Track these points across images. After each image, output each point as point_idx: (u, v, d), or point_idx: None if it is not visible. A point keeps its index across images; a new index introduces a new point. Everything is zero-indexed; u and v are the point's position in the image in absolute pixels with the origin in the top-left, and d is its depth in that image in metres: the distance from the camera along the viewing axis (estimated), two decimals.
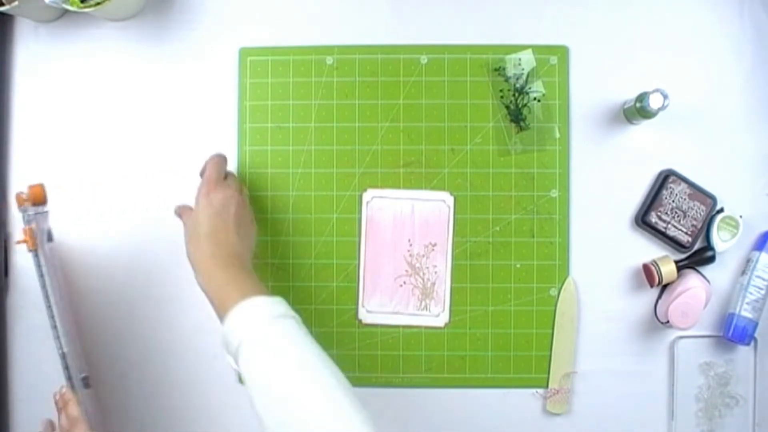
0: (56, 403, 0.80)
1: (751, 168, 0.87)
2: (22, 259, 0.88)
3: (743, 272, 0.87)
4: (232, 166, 0.88)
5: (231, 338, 0.68)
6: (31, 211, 0.83)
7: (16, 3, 0.80)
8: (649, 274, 0.86)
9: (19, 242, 0.82)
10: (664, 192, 0.86)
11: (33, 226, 0.82)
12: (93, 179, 0.89)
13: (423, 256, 0.88)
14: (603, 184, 0.88)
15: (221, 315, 0.70)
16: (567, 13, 0.88)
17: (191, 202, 0.82)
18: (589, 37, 0.88)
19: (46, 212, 0.85)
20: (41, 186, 0.84)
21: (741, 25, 0.88)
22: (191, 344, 0.89)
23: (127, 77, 0.89)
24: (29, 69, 0.90)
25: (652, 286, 0.86)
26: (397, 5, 0.89)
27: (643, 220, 0.86)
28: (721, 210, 0.86)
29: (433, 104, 0.88)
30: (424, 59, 0.88)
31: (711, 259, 0.86)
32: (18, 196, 0.83)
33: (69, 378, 0.82)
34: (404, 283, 0.88)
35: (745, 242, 0.86)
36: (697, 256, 0.87)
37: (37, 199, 0.83)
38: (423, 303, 0.88)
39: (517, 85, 0.87)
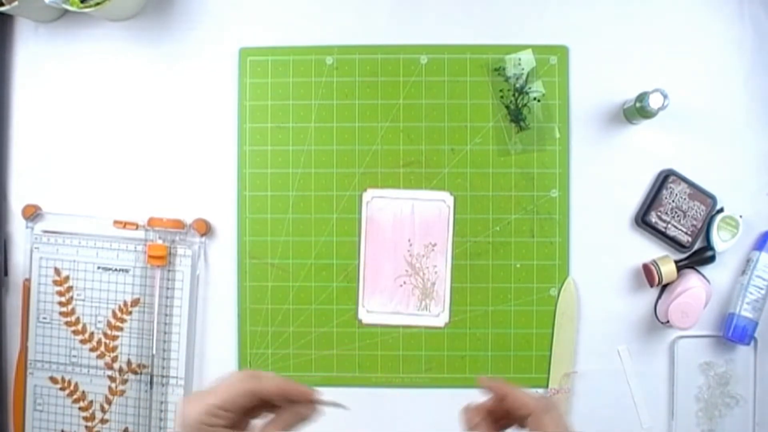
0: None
1: (751, 168, 0.87)
2: (21, 259, 0.89)
3: (743, 272, 0.87)
4: (231, 166, 0.88)
5: None
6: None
7: (16, 3, 0.80)
8: (649, 274, 0.86)
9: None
10: (664, 192, 0.86)
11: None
12: (93, 178, 0.89)
13: (423, 256, 0.88)
14: (603, 184, 0.88)
15: None
16: (567, 13, 0.88)
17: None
18: (589, 37, 0.88)
19: None
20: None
21: (741, 25, 0.88)
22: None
23: (127, 77, 0.89)
24: (29, 69, 0.90)
25: (652, 286, 0.86)
26: (397, 5, 0.89)
27: (643, 220, 0.86)
28: (721, 210, 0.86)
29: (433, 104, 0.88)
30: (424, 59, 0.88)
31: (711, 259, 0.86)
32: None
33: None
34: (404, 283, 0.88)
35: (745, 242, 0.86)
36: (697, 256, 0.87)
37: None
38: (423, 303, 0.88)
39: (517, 85, 0.87)
